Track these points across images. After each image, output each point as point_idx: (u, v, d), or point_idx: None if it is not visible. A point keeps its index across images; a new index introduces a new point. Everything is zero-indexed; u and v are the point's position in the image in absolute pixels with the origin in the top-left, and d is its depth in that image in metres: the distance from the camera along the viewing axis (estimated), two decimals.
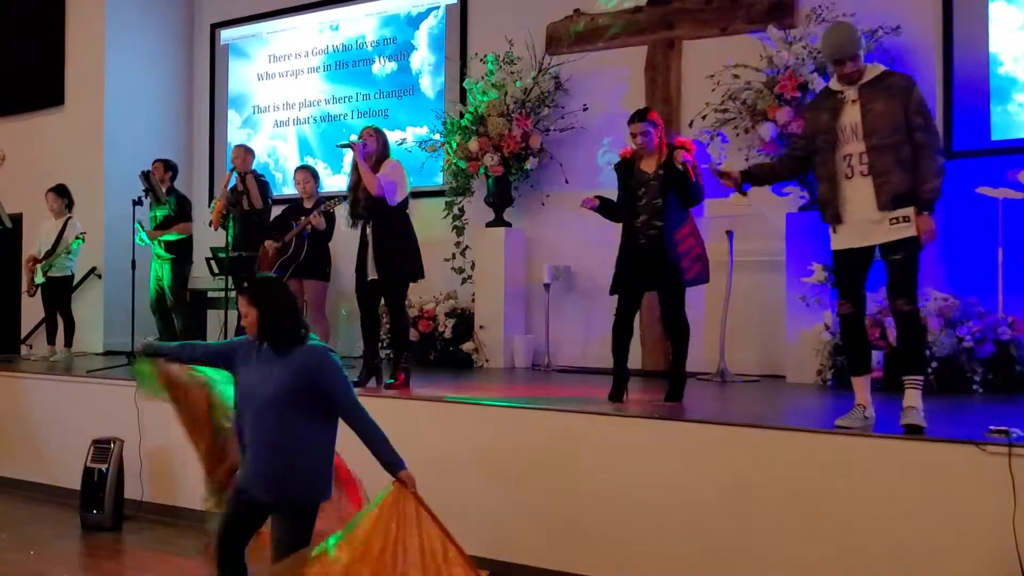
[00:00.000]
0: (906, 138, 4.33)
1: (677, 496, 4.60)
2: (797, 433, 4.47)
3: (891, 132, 4.33)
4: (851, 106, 4.45)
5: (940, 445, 4.09)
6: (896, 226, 4.34)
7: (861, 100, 4.42)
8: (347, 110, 9.71)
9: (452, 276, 8.40)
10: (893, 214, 4.33)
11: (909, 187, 4.31)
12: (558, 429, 5.07)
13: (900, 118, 4.33)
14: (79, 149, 10.06)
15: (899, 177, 4.31)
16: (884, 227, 4.37)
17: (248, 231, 7.76)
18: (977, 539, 3.88)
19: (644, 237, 5.39)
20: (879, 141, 4.35)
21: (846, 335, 4.67)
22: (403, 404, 5.71)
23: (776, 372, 6.92)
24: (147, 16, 10.42)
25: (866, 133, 4.38)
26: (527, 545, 4.98)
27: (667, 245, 5.32)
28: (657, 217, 5.36)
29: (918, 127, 4.33)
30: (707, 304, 7.24)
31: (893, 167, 4.32)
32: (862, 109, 4.41)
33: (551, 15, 8.26)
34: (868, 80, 4.45)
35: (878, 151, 4.35)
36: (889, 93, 4.38)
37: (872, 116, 4.37)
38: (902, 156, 4.33)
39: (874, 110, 4.37)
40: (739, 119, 6.96)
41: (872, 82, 4.44)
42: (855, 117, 4.42)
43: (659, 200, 5.37)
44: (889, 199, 4.33)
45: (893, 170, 4.32)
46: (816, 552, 4.22)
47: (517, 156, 7.99)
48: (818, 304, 6.52)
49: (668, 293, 5.42)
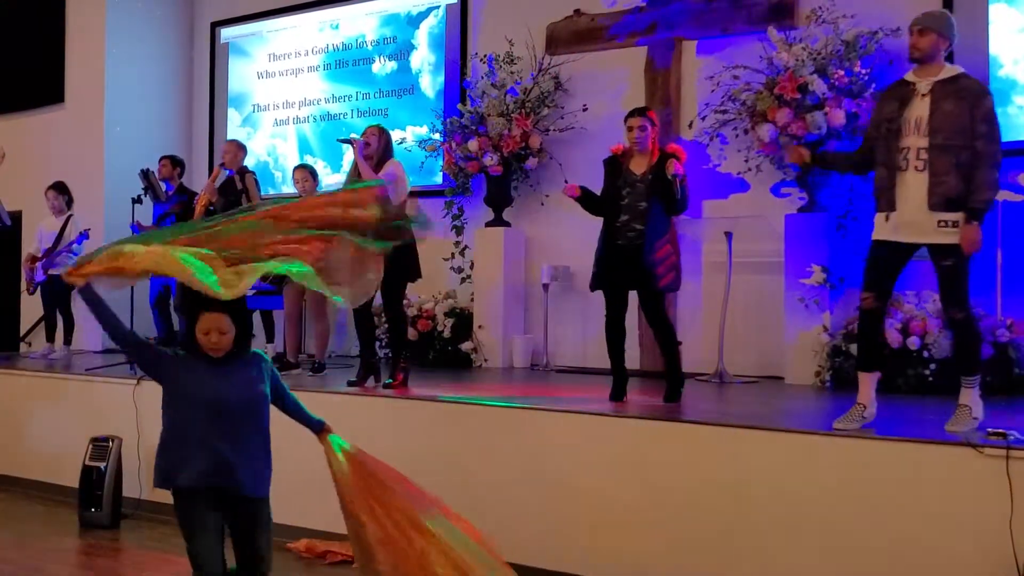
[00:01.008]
0: (967, 143, 4.27)
1: (674, 496, 4.60)
2: (795, 434, 4.47)
3: (954, 134, 4.27)
4: (920, 100, 4.38)
5: (937, 447, 4.09)
6: (943, 229, 4.27)
7: (932, 96, 4.35)
8: (347, 109, 9.71)
9: (451, 276, 8.41)
10: (942, 216, 4.27)
11: (961, 192, 4.26)
12: (555, 429, 5.07)
13: (966, 122, 4.27)
14: (79, 147, 10.07)
15: (954, 180, 4.26)
16: (931, 228, 4.30)
17: None
18: (974, 541, 3.88)
19: (623, 237, 5.39)
20: (941, 140, 4.28)
21: (862, 329, 4.62)
22: (401, 404, 5.71)
23: (774, 373, 6.92)
24: (147, 14, 10.43)
25: (930, 130, 4.31)
26: (525, 545, 4.98)
27: (645, 249, 5.32)
28: (639, 220, 5.36)
29: (981, 135, 4.27)
30: (706, 305, 7.24)
31: (950, 169, 4.27)
32: (931, 105, 4.34)
33: (551, 15, 8.26)
34: (942, 78, 4.37)
35: (938, 150, 4.29)
36: (960, 95, 4.31)
37: (939, 114, 4.31)
38: (961, 160, 4.27)
39: (942, 109, 4.31)
40: (739, 120, 6.96)
41: (946, 81, 4.36)
42: (923, 111, 4.35)
43: (643, 203, 5.37)
44: (941, 200, 4.27)
45: (950, 172, 4.26)
46: (814, 553, 4.22)
47: (517, 156, 7.99)
48: (816, 305, 6.53)
49: (645, 296, 5.43)
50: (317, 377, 6.93)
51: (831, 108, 6.50)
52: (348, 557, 5.29)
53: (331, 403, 5.91)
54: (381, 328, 7.19)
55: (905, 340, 6.02)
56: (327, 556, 5.38)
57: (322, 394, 6.02)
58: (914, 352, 6.00)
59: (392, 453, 5.43)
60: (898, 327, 6.08)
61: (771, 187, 7.09)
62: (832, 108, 6.50)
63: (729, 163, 7.14)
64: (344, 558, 5.30)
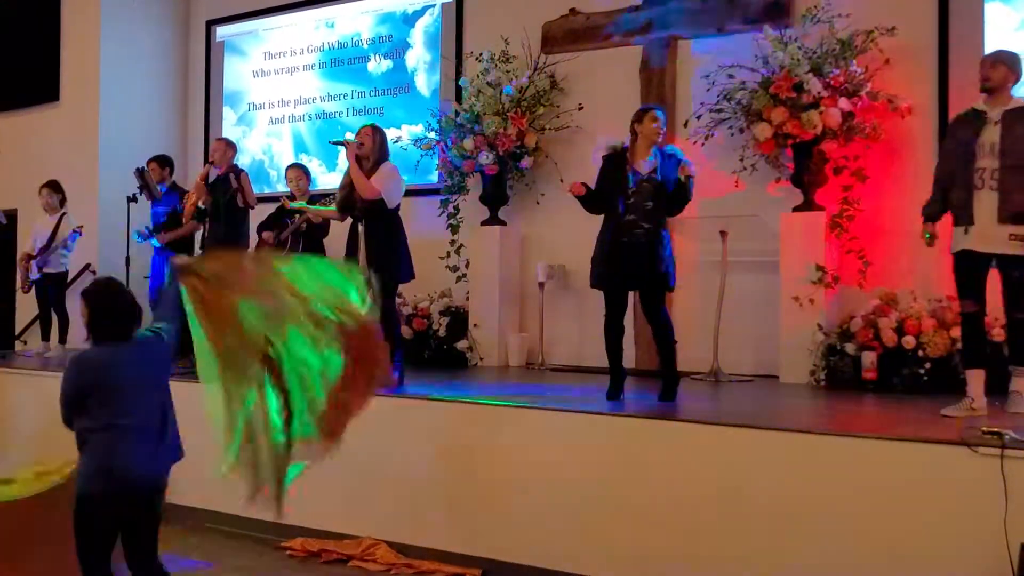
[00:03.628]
0: None
1: (670, 495, 4.61)
2: (790, 433, 4.48)
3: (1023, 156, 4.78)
4: (993, 127, 4.90)
5: (934, 446, 4.10)
6: (1014, 242, 4.79)
7: (1003, 122, 4.87)
8: (342, 107, 9.70)
9: (447, 274, 8.39)
10: (1012, 229, 4.78)
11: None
12: (551, 428, 5.07)
13: None
14: (74, 145, 10.05)
15: (1021, 197, 4.76)
16: (1003, 239, 4.81)
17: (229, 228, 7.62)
18: (969, 540, 3.89)
19: (629, 236, 5.39)
20: (1012, 161, 4.79)
21: (965, 332, 5.08)
22: (396, 403, 5.70)
23: (769, 372, 6.93)
24: (143, 13, 10.41)
25: (1002, 152, 4.83)
26: (520, 544, 4.98)
27: (657, 248, 5.34)
28: (646, 219, 5.36)
29: None
30: (701, 304, 7.24)
31: (1018, 187, 4.76)
32: (1003, 131, 4.86)
33: (547, 14, 8.25)
34: (1012, 108, 4.89)
35: (1009, 170, 4.80)
36: None
37: (1011, 139, 4.82)
38: None
39: (1014, 133, 4.82)
40: (734, 119, 6.96)
41: (1016, 110, 4.88)
42: (994, 137, 4.87)
43: (650, 203, 5.37)
44: (1010, 214, 4.78)
45: (1017, 190, 4.76)
46: (809, 552, 4.23)
47: (512, 155, 7.99)
48: (811, 304, 6.53)
49: (651, 294, 5.44)
50: None
51: (826, 107, 6.50)
52: (343, 555, 5.30)
53: None
54: None
55: (900, 339, 6.02)
56: (321, 555, 5.38)
57: None
58: (909, 351, 6.01)
59: (387, 452, 5.46)
60: (893, 326, 6.09)
61: (766, 186, 7.09)
62: (828, 107, 6.50)
63: (724, 162, 7.14)
64: (339, 556, 5.31)
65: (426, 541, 5.23)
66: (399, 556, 5.21)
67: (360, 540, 5.36)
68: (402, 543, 5.29)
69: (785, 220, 6.81)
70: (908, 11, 6.76)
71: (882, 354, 6.08)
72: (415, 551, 5.22)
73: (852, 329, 6.27)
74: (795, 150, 6.72)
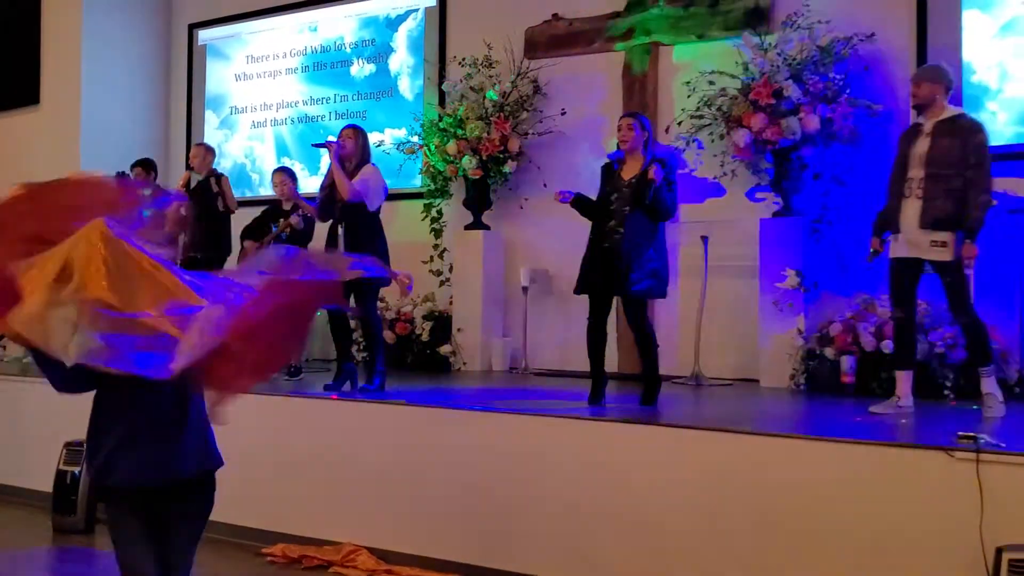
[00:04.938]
0: (959, 172, 4.94)
1: (651, 499, 4.62)
2: (770, 437, 4.50)
3: (948, 165, 4.96)
4: (924, 138, 5.10)
5: (910, 450, 4.14)
6: (935, 248, 4.97)
7: (933, 134, 5.06)
8: (325, 111, 9.70)
9: (430, 279, 8.40)
10: (933, 236, 4.97)
11: (950, 214, 4.93)
12: (533, 433, 5.08)
13: (959, 155, 4.95)
14: (55, 149, 9.99)
15: (943, 204, 4.94)
16: (926, 245, 5.00)
17: (211, 233, 7.62)
18: (945, 544, 3.91)
19: (608, 241, 5.42)
20: (934, 170, 4.98)
21: (895, 335, 5.38)
22: (378, 408, 5.70)
23: (750, 376, 6.97)
24: (124, 16, 10.36)
25: (927, 161, 5.01)
26: (500, 549, 4.99)
27: (624, 254, 5.34)
28: (622, 224, 5.39)
29: (971, 165, 4.93)
30: (682, 308, 7.28)
31: (940, 194, 4.95)
32: (931, 141, 5.05)
33: (530, 19, 8.28)
34: (943, 118, 5.08)
35: (932, 179, 4.98)
36: (955, 133, 5.01)
37: (936, 148, 5.01)
38: (952, 187, 4.94)
39: (940, 144, 5.01)
40: (714, 125, 7.00)
41: (946, 120, 5.07)
42: (924, 148, 5.06)
43: (627, 208, 5.39)
44: (930, 220, 4.96)
45: (940, 197, 4.95)
46: (788, 555, 4.25)
47: (496, 159, 8.01)
48: (791, 309, 6.57)
49: (629, 300, 5.46)
50: (293, 381, 6.92)
51: (806, 113, 6.55)
52: (324, 562, 5.29)
53: (308, 408, 5.92)
54: (359, 331, 7.18)
55: (879, 344, 6.07)
56: (303, 561, 5.37)
57: (299, 399, 6.01)
58: (888, 355, 6.05)
59: (369, 458, 5.46)
60: (872, 331, 6.14)
61: (746, 192, 7.14)
62: (807, 113, 6.55)
63: (705, 168, 7.17)
64: (320, 563, 5.30)
65: (407, 547, 5.23)
66: (379, 562, 5.20)
67: (341, 546, 5.35)
68: (383, 549, 5.28)
69: (765, 225, 6.86)
70: (887, 18, 6.82)
71: (861, 358, 6.13)
72: (396, 557, 5.22)
73: (831, 334, 6.31)
74: (775, 156, 6.76)
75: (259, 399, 5.49)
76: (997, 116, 6.54)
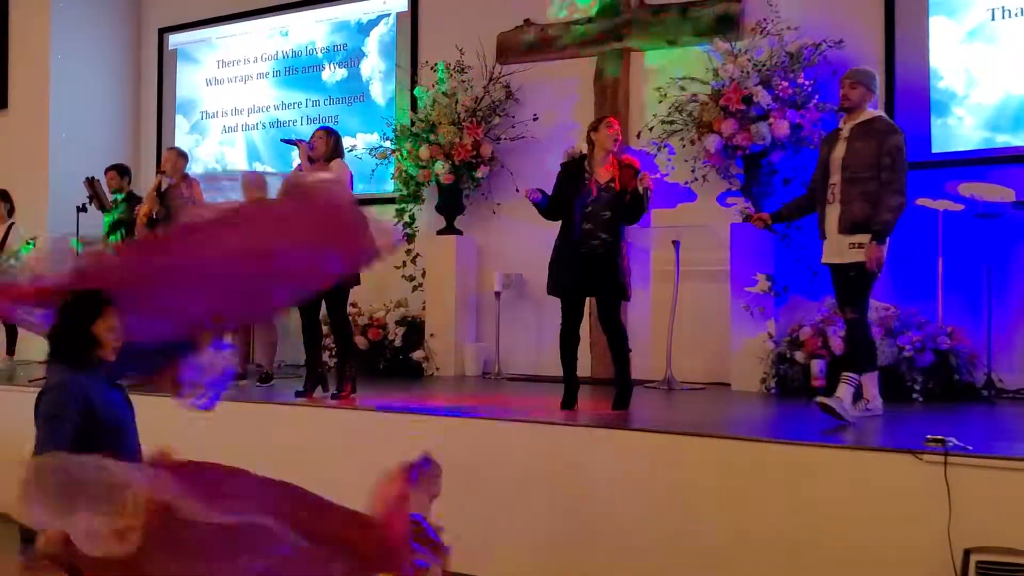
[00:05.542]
0: (875, 175, 4.90)
1: (622, 503, 4.63)
2: (741, 441, 4.53)
3: (862, 168, 4.92)
4: (842, 142, 5.07)
5: (878, 454, 4.19)
6: (853, 250, 4.96)
7: (850, 137, 5.03)
8: (296, 116, 9.66)
9: (403, 284, 8.37)
10: (851, 239, 4.95)
11: (866, 217, 4.90)
12: (506, 438, 5.08)
13: (873, 158, 4.91)
14: (23, 154, 9.89)
15: (859, 207, 4.91)
16: (845, 249, 4.99)
17: None
18: (913, 546, 3.95)
19: (586, 246, 5.41)
20: (851, 175, 4.96)
21: (847, 337, 5.30)
22: (349, 415, 5.68)
23: (721, 380, 7.00)
24: (93, 20, 10.27)
25: (843, 166, 4.99)
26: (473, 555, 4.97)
27: (614, 258, 5.37)
28: (604, 229, 5.39)
29: (885, 167, 4.89)
30: (653, 313, 7.31)
31: (856, 198, 4.92)
32: (847, 145, 5.02)
33: (502, 25, 8.29)
34: (860, 121, 5.04)
35: (849, 183, 4.96)
36: (870, 135, 4.96)
37: (852, 152, 4.98)
38: (868, 189, 4.91)
39: (855, 147, 4.97)
40: (685, 131, 7.04)
41: (863, 123, 5.02)
42: (842, 152, 5.03)
43: (608, 213, 5.40)
44: (847, 225, 4.96)
45: (856, 200, 4.92)
46: (758, 558, 4.27)
47: (468, 164, 8.00)
48: (761, 313, 6.61)
49: (608, 303, 5.47)
50: (264, 387, 6.88)
51: (775, 119, 6.60)
52: None
53: (279, 414, 5.89)
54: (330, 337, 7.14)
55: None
56: None
57: (270, 405, 5.97)
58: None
59: (340, 465, 5.42)
60: (841, 334, 6.17)
61: (717, 197, 7.17)
62: (776, 119, 6.60)
63: (676, 173, 7.21)
64: None
65: None
66: None
67: None
68: None
69: (735, 230, 6.89)
70: (855, 24, 6.89)
71: (831, 362, 6.17)
72: None
73: (801, 338, 6.36)
74: (745, 161, 6.81)
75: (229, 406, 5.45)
76: (964, 121, 6.62)
